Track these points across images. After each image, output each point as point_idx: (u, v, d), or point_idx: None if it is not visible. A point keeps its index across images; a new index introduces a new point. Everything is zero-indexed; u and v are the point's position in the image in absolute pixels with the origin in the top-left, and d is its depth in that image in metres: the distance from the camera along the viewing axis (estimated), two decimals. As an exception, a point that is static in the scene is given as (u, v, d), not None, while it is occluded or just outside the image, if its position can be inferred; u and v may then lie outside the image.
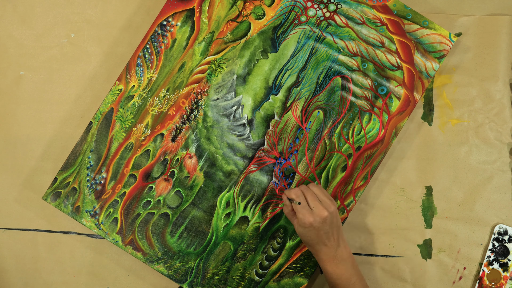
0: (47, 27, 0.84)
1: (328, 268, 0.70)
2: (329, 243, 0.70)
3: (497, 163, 0.80)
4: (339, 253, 0.70)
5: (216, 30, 0.80)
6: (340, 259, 0.70)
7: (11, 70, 0.83)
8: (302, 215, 0.69)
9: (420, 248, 0.80)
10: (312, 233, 0.69)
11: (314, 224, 0.69)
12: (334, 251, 0.70)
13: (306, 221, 0.69)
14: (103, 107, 0.80)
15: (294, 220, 0.72)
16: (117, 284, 0.81)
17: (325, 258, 0.70)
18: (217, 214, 0.79)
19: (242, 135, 0.79)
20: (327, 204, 0.70)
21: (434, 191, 0.80)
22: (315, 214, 0.69)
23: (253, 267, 0.78)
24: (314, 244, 0.70)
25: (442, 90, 0.81)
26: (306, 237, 0.70)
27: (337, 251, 0.70)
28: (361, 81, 0.79)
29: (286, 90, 0.79)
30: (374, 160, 0.78)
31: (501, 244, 0.78)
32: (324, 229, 0.69)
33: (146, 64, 0.80)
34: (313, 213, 0.69)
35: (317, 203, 0.70)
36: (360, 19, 0.79)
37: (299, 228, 0.70)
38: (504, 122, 0.80)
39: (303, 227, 0.70)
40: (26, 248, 0.82)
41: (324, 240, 0.70)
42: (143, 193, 0.79)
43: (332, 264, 0.70)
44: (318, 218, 0.69)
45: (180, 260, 0.78)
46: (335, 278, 0.70)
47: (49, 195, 0.79)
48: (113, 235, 0.79)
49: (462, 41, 0.81)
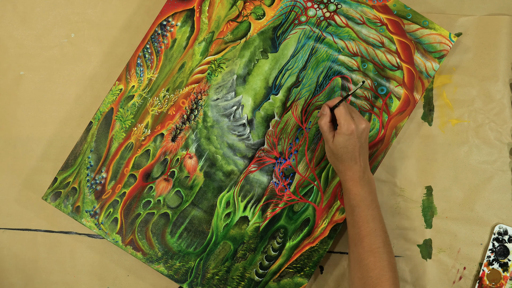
0: (47, 27, 0.84)
1: (354, 189, 0.70)
2: (359, 161, 0.70)
3: (497, 163, 0.80)
4: (366, 175, 0.71)
5: (216, 30, 0.80)
6: (367, 181, 0.71)
7: (11, 70, 0.83)
8: (346, 121, 0.69)
9: (420, 248, 0.80)
10: (350, 143, 0.69)
11: (355, 132, 0.69)
12: (362, 171, 0.71)
13: (349, 127, 0.69)
14: (103, 107, 0.80)
15: (329, 134, 0.71)
16: (117, 284, 0.81)
17: (354, 177, 0.71)
18: (217, 214, 0.79)
19: (242, 135, 0.79)
20: (363, 118, 0.71)
21: (434, 191, 0.80)
22: (356, 122, 0.69)
23: (253, 267, 0.78)
24: (347, 159, 0.70)
25: (442, 90, 0.81)
26: (341, 149, 0.70)
27: (365, 173, 0.71)
28: (361, 81, 0.79)
29: (286, 90, 0.79)
30: (374, 160, 0.78)
31: (501, 244, 0.78)
32: (361, 141, 0.70)
33: (146, 64, 0.80)
34: (354, 121, 0.69)
35: (357, 114, 0.71)
36: (360, 19, 0.79)
37: (339, 137, 0.70)
38: (504, 122, 0.80)
39: (345, 134, 0.69)
40: (26, 248, 0.82)
41: (357, 155, 0.70)
42: (143, 193, 0.79)
43: (359, 185, 0.70)
44: (359, 127, 0.70)
45: (180, 260, 0.78)
46: (358, 200, 0.70)
47: (49, 195, 0.79)
48: (113, 235, 0.79)
49: (462, 41, 0.81)
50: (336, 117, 0.70)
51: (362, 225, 0.69)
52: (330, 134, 0.71)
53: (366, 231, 0.69)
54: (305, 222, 0.78)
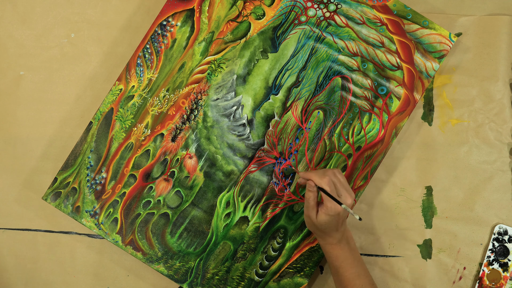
0: (47, 27, 0.84)
1: (334, 252, 0.71)
2: (340, 228, 0.70)
3: (497, 163, 0.80)
4: (345, 236, 0.71)
5: (216, 30, 0.80)
6: (346, 241, 0.71)
7: (11, 70, 0.83)
8: (332, 204, 0.68)
9: (420, 248, 0.79)
10: (334, 221, 0.69)
11: (341, 213, 0.69)
12: (341, 234, 0.71)
13: (336, 210, 0.68)
14: (103, 107, 0.80)
15: (314, 209, 0.70)
16: (117, 284, 0.81)
17: (334, 242, 0.71)
18: (217, 214, 0.79)
19: (242, 135, 0.79)
20: (350, 191, 0.70)
21: (434, 191, 0.80)
22: (343, 201, 0.69)
23: (253, 267, 0.78)
24: (329, 230, 0.70)
25: (442, 90, 0.81)
26: (325, 225, 0.69)
27: (344, 234, 0.71)
28: (361, 81, 0.79)
29: (286, 90, 0.79)
30: (374, 160, 0.78)
31: (501, 244, 0.78)
32: (344, 216, 0.70)
33: (146, 64, 0.80)
34: (341, 200, 0.69)
35: (343, 191, 0.69)
36: (360, 19, 0.79)
37: (324, 216, 0.68)
38: (504, 122, 0.80)
39: (330, 215, 0.68)
40: (26, 248, 0.82)
41: (339, 225, 0.70)
42: (143, 193, 0.79)
43: (339, 248, 0.71)
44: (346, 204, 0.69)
45: (180, 260, 0.78)
46: (340, 261, 0.71)
47: (49, 195, 0.79)
48: (113, 235, 0.79)
49: (462, 41, 0.81)
50: (322, 198, 0.69)
51: (348, 284, 0.70)
52: (314, 211, 0.70)
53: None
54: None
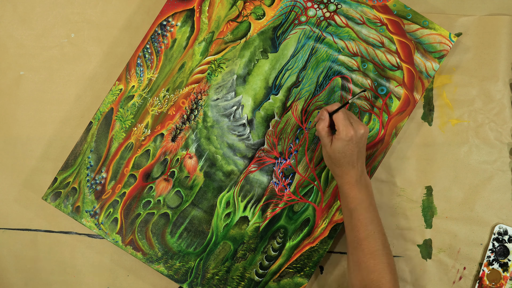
0: (47, 27, 0.84)
1: (351, 193, 0.71)
2: (357, 165, 0.70)
3: (497, 163, 0.80)
4: (363, 178, 0.71)
5: (216, 30, 0.80)
6: (364, 184, 0.71)
7: (11, 70, 0.83)
8: (345, 127, 0.69)
9: (420, 248, 0.80)
10: (348, 149, 0.69)
11: (353, 138, 0.69)
12: (359, 175, 0.71)
13: (348, 133, 0.69)
14: (103, 107, 0.80)
15: (327, 138, 0.71)
16: (117, 284, 0.81)
17: (351, 181, 0.71)
18: (217, 214, 0.79)
19: (242, 135, 0.79)
20: (362, 123, 0.71)
21: (434, 191, 0.80)
22: (355, 128, 0.69)
23: (253, 267, 0.78)
24: (345, 163, 0.70)
25: (442, 90, 0.81)
26: (339, 154, 0.70)
27: (362, 176, 0.71)
28: (361, 81, 0.79)
29: (286, 90, 0.79)
30: (374, 160, 0.78)
31: (501, 244, 0.78)
32: (359, 146, 0.70)
33: (146, 64, 0.80)
34: (353, 127, 0.69)
35: (355, 119, 0.71)
36: (360, 19, 0.79)
37: (337, 142, 0.70)
38: (504, 122, 0.80)
39: (343, 140, 0.69)
40: (26, 248, 0.82)
41: (355, 160, 0.70)
42: (143, 193, 0.79)
43: (356, 189, 0.70)
44: (358, 133, 0.70)
45: (180, 260, 0.78)
46: (356, 203, 0.70)
47: (49, 195, 0.79)
48: (113, 235, 0.79)
49: (462, 41, 0.81)
50: (335, 122, 0.70)
51: (360, 228, 0.69)
52: (328, 139, 0.71)
53: (365, 234, 0.69)
54: (305, 222, 0.78)
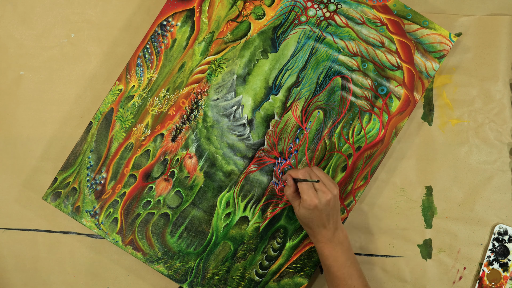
0: (47, 27, 0.84)
1: (325, 251, 0.71)
2: (328, 226, 0.70)
3: (497, 163, 0.80)
4: (336, 236, 0.71)
5: (216, 30, 0.80)
6: (338, 241, 0.71)
7: (11, 70, 0.83)
8: (308, 197, 0.69)
9: (420, 248, 0.80)
10: (314, 215, 0.70)
11: (319, 206, 0.69)
12: (332, 233, 0.71)
13: (311, 203, 0.69)
14: (103, 107, 0.80)
15: (295, 202, 0.72)
16: (117, 284, 0.81)
17: (323, 240, 0.71)
18: (217, 214, 0.79)
19: (242, 135, 0.79)
20: (331, 187, 0.70)
21: (434, 191, 0.80)
22: (320, 196, 0.69)
23: (253, 267, 0.78)
24: (314, 226, 0.70)
25: (442, 90, 0.81)
26: (307, 219, 0.70)
27: (335, 234, 0.71)
28: (361, 81, 0.79)
29: (286, 90, 0.79)
30: (374, 160, 0.78)
31: (501, 244, 0.78)
32: (327, 211, 0.70)
33: (146, 64, 0.80)
34: (318, 195, 0.69)
35: (322, 185, 0.70)
36: (360, 19, 0.79)
37: (302, 210, 0.70)
38: (504, 122, 0.80)
39: (307, 208, 0.69)
40: (26, 248, 0.82)
41: (325, 222, 0.70)
42: (143, 193, 0.79)
43: (329, 247, 0.71)
44: (323, 200, 0.69)
45: (180, 260, 0.78)
46: (331, 260, 0.70)
47: (49, 195, 0.79)
48: (113, 235, 0.79)
49: (462, 41, 0.81)
50: (300, 191, 0.71)
51: (339, 284, 0.70)
52: (296, 203, 0.72)
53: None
54: (305, 222, 0.78)
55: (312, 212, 0.69)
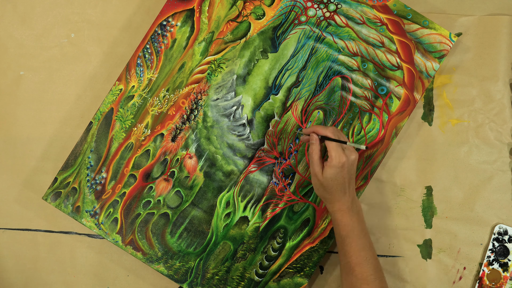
0: (47, 27, 0.84)
1: (343, 219, 0.70)
2: (348, 192, 0.70)
3: (497, 163, 0.80)
4: (355, 204, 0.71)
5: (216, 30, 0.80)
6: (356, 210, 0.71)
7: (11, 70, 0.83)
8: (338, 154, 0.68)
9: (420, 248, 0.80)
10: (340, 176, 0.69)
11: (345, 164, 0.68)
12: (351, 201, 0.70)
13: (341, 160, 0.68)
14: (103, 107, 0.80)
15: (318, 165, 0.70)
16: (117, 284, 0.81)
17: (343, 208, 0.70)
18: (217, 214, 0.79)
19: (242, 135, 0.79)
20: (352, 149, 0.70)
21: (434, 191, 0.80)
22: (347, 154, 0.69)
23: (253, 267, 0.78)
24: (337, 190, 0.69)
25: (442, 90, 0.81)
26: (331, 181, 0.69)
27: (353, 202, 0.71)
28: (361, 81, 0.79)
29: (286, 90, 0.79)
30: (374, 160, 0.78)
31: (501, 244, 0.78)
32: (351, 172, 0.69)
33: (146, 64, 0.80)
34: (345, 153, 0.69)
35: (347, 146, 0.70)
36: (360, 19, 0.79)
37: (329, 169, 0.69)
38: (504, 122, 0.80)
39: (336, 167, 0.68)
40: (26, 248, 0.82)
41: (346, 186, 0.69)
42: (143, 193, 0.79)
43: (348, 215, 0.70)
44: (351, 158, 0.69)
45: (180, 260, 0.78)
46: (348, 230, 0.70)
47: (49, 195, 0.79)
48: (113, 235, 0.79)
49: (462, 41, 0.81)
50: (328, 149, 0.69)
51: (353, 255, 0.69)
52: (319, 165, 0.70)
53: (358, 260, 0.69)
54: (305, 222, 0.78)
55: (339, 172, 0.68)
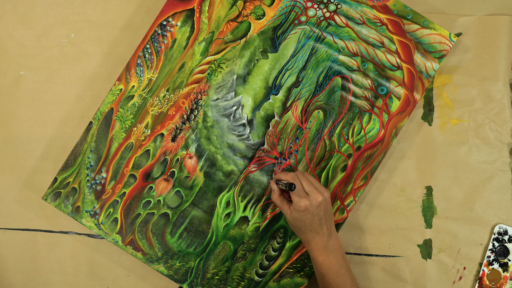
0: (47, 27, 0.84)
1: (319, 258, 0.70)
2: (321, 231, 0.69)
3: (497, 163, 0.80)
4: (330, 243, 0.70)
5: (216, 30, 0.80)
6: (332, 249, 0.70)
7: (11, 70, 0.83)
8: (298, 198, 0.68)
9: (420, 248, 0.80)
10: (306, 218, 0.69)
11: (309, 208, 0.68)
12: (326, 240, 0.70)
13: (302, 205, 0.68)
14: (103, 107, 0.80)
15: (284, 206, 0.71)
16: (117, 284, 0.81)
17: (317, 247, 0.70)
18: (217, 214, 0.79)
19: (242, 135, 0.79)
20: (321, 189, 0.70)
21: (434, 191, 0.80)
22: (311, 198, 0.69)
23: (253, 267, 0.78)
24: (307, 231, 0.70)
25: (442, 90, 0.81)
26: (299, 223, 0.69)
27: (329, 241, 0.70)
28: (361, 81, 0.79)
29: (286, 90, 0.79)
30: (374, 160, 0.78)
31: (501, 244, 0.78)
32: (319, 214, 0.69)
33: (146, 64, 0.80)
34: (308, 196, 0.69)
35: (312, 188, 0.69)
36: (360, 19, 0.79)
37: (294, 212, 0.69)
38: (504, 122, 0.80)
39: (298, 211, 0.69)
40: (26, 248, 0.82)
41: (317, 227, 0.69)
42: (143, 193, 0.79)
43: (323, 254, 0.70)
44: (314, 202, 0.68)
45: (180, 260, 0.78)
46: (325, 268, 0.70)
47: (49, 195, 0.79)
48: (113, 235, 0.79)
49: (462, 41, 0.81)
50: (290, 194, 0.70)
51: None
52: (286, 207, 0.71)
53: None
54: (305, 222, 0.78)
55: (303, 215, 0.69)
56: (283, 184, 0.71)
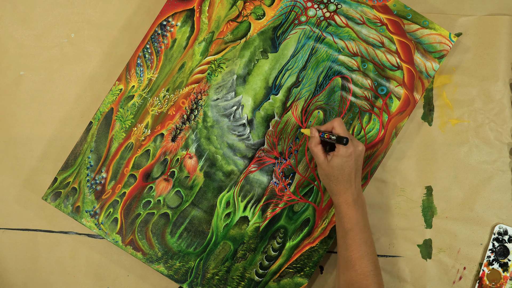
0: (47, 27, 0.84)
1: (349, 212, 0.70)
2: (354, 183, 0.70)
3: (497, 163, 0.80)
4: (360, 197, 0.71)
5: (216, 30, 0.80)
6: (361, 203, 0.71)
7: (11, 70, 0.83)
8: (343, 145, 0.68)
9: (420, 248, 0.80)
10: (347, 166, 0.68)
11: (353, 154, 0.68)
12: (357, 194, 0.70)
13: (348, 149, 0.68)
14: (103, 107, 0.80)
15: (322, 154, 0.70)
16: (117, 284, 0.81)
17: (348, 200, 0.70)
18: (217, 214, 0.79)
19: (242, 135, 0.79)
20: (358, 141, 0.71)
21: (434, 191, 0.80)
22: (354, 144, 0.69)
23: (253, 267, 0.78)
24: (343, 181, 0.69)
25: (442, 90, 0.81)
26: (337, 171, 0.69)
27: (359, 195, 0.71)
28: (361, 81, 0.79)
29: (286, 90, 0.79)
30: (374, 160, 0.78)
31: (501, 244, 0.78)
32: (358, 163, 0.69)
33: (146, 64, 0.80)
34: (352, 143, 0.69)
35: (352, 137, 0.70)
36: (360, 19, 0.79)
37: (335, 159, 0.68)
38: (504, 122, 0.80)
39: (343, 156, 0.68)
40: (26, 248, 0.82)
41: (352, 178, 0.69)
42: (143, 193, 0.79)
43: (354, 209, 0.70)
44: (357, 149, 0.69)
45: (180, 260, 0.78)
46: (352, 223, 0.69)
47: (49, 195, 0.79)
48: (113, 235, 0.79)
49: (462, 41, 0.81)
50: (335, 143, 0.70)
51: (355, 249, 0.69)
52: (323, 157, 0.70)
53: (359, 254, 0.69)
54: (305, 222, 0.78)
55: (346, 161, 0.68)
56: (331, 136, 0.69)
